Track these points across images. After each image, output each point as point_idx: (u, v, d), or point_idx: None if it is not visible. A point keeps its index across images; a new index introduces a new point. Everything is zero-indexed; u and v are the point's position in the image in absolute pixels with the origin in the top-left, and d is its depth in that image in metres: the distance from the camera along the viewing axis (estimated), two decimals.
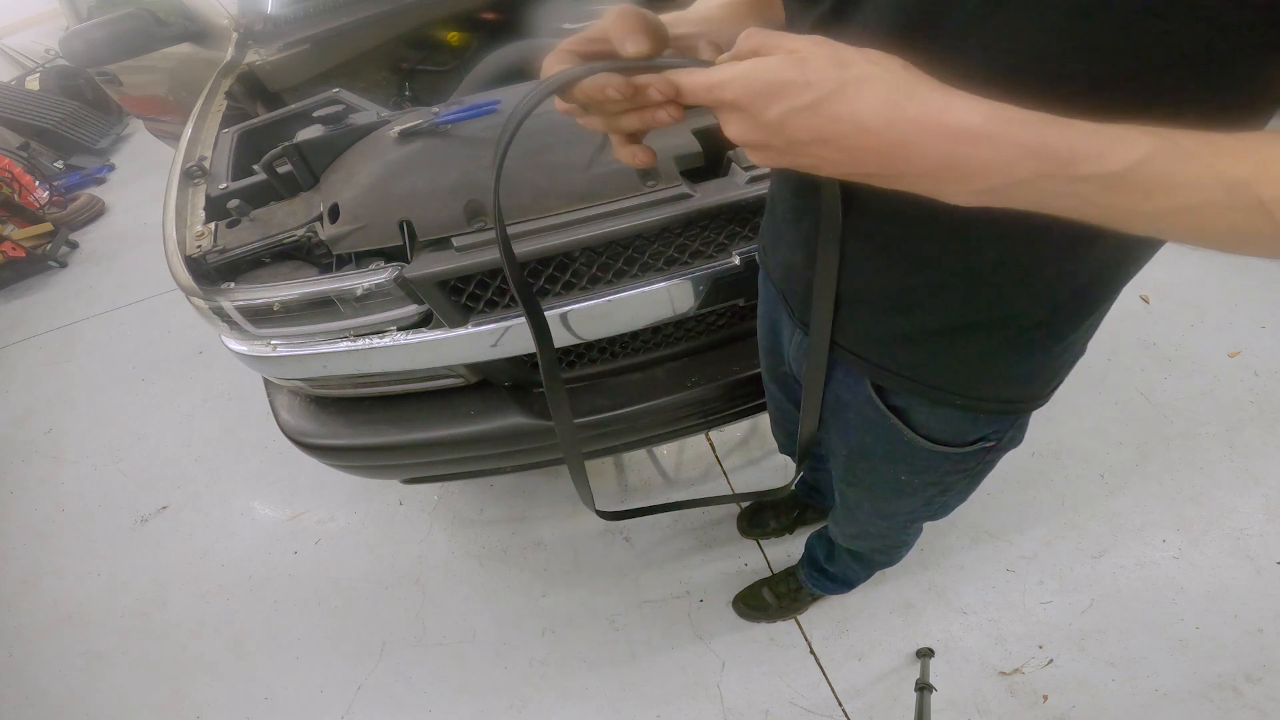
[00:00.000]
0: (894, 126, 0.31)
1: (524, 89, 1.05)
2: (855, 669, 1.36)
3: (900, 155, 0.32)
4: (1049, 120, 0.30)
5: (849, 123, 0.31)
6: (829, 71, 0.31)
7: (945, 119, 0.30)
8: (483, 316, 0.96)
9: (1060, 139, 0.30)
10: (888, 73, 0.31)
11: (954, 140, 0.30)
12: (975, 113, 0.30)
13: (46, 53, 5.02)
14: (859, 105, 0.31)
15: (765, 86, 0.32)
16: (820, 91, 0.31)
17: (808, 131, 0.32)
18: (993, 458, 0.68)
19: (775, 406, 1.00)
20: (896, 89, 0.31)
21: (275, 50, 1.51)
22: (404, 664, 1.51)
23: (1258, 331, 1.79)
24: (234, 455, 2.07)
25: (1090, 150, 0.29)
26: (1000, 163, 0.30)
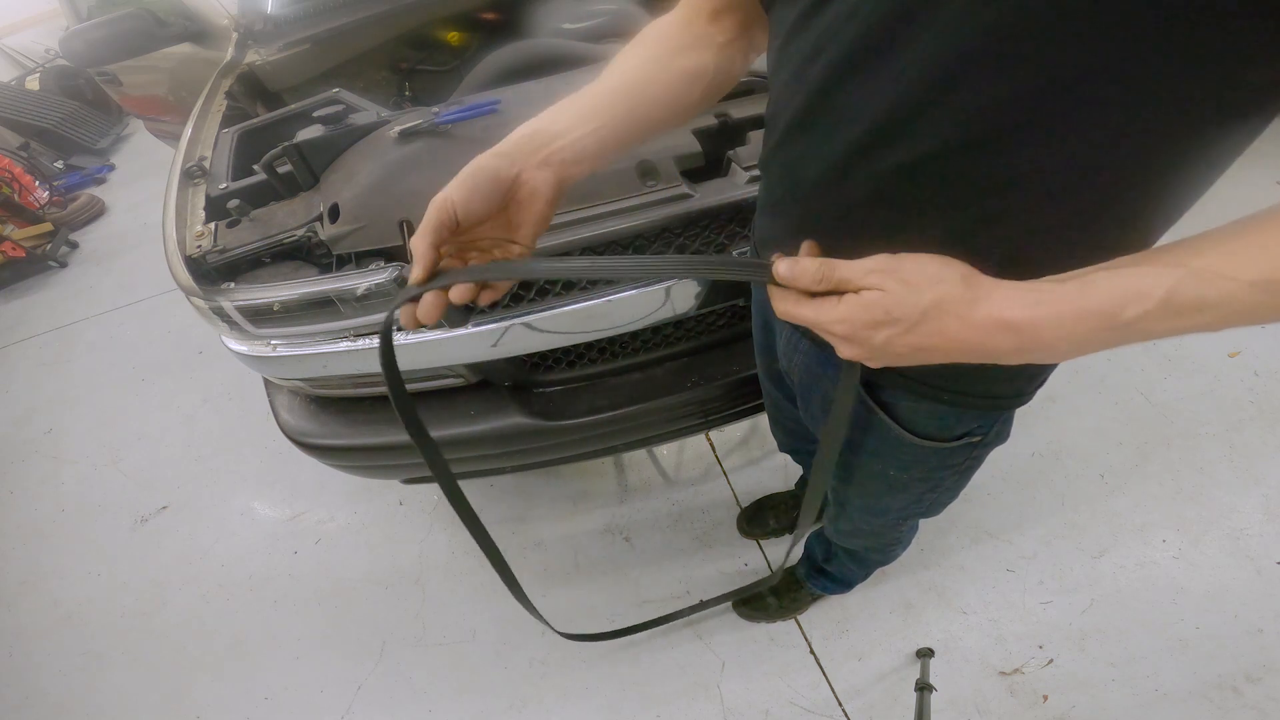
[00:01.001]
0: (972, 334, 0.38)
1: (524, 89, 1.05)
2: (855, 669, 1.36)
3: (981, 351, 0.39)
4: (1083, 286, 0.36)
5: (936, 338, 0.39)
6: (910, 305, 0.38)
7: (1006, 317, 0.37)
8: (483, 316, 0.96)
9: (1093, 300, 0.36)
10: (952, 289, 0.38)
11: (1021, 333, 0.37)
12: (1025, 304, 0.37)
13: (46, 53, 5.02)
14: (941, 325, 0.39)
15: (866, 325, 0.40)
16: (908, 322, 0.39)
17: (907, 348, 0.40)
18: (980, 454, 0.68)
19: (772, 404, 1.00)
20: (962, 302, 0.38)
21: (275, 50, 1.51)
22: (404, 664, 1.51)
23: (1258, 331, 1.79)
24: (234, 455, 2.07)
25: (1124, 298, 0.35)
26: (1064, 336, 0.37)
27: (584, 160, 0.51)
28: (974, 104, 0.37)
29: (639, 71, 0.55)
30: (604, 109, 0.53)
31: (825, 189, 0.49)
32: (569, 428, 1.12)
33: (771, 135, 0.54)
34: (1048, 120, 0.36)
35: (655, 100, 0.55)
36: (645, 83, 0.55)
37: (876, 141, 0.43)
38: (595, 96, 0.53)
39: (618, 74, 0.55)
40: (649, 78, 0.55)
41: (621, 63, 0.56)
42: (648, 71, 0.55)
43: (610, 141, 0.53)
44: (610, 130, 0.52)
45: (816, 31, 0.43)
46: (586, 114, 0.52)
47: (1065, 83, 0.34)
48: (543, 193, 0.49)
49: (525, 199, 0.49)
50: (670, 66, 0.56)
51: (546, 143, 0.50)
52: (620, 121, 0.53)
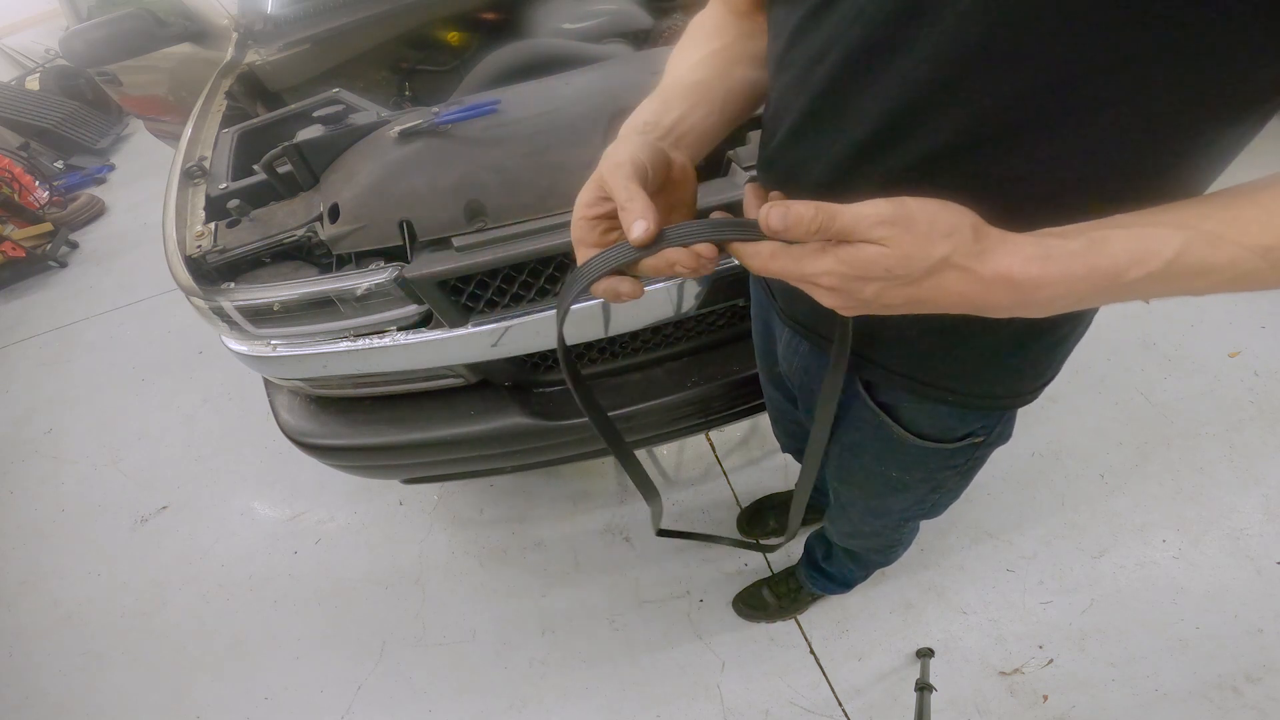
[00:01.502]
0: (972, 289, 0.36)
1: (524, 89, 1.05)
2: (855, 669, 1.36)
3: (980, 305, 0.37)
4: (1092, 244, 0.35)
5: (935, 291, 0.36)
6: (916, 262, 0.35)
7: (1013, 274, 0.35)
8: (483, 316, 0.96)
9: (1104, 258, 0.34)
10: (962, 241, 0.35)
11: (1022, 290, 0.35)
12: (1035, 261, 0.35)
13: (46, 53, 5.02)
14: (943, 279, 0.36)
15: (858, 278, 0.36)
16: (909, 278, 0.36)
17: (901, 299, 0.37)
18: (981, 454, 0.68)
19: (774, 407, 1.00)
20: (971, 255, 0.35)
21: (275, 50, 1.51)
22: (404, 664, 1.51)
23: (1258, 331, 1.79)
24: (234, 455, 2.07)
25: (1131, 258, 0.34)
26: (1062, 294, 0.35)
27: (704, 143, 0.52)
28: (980, 103, 0.37)
29: (717, 60, 0.56)
30: (705, 97, 0.53)
31: (829, 189, 0.49)
32: (569, 428, 1.12)
33: (772, 137, 0.54)
34: (1054, 118, 0.36)
35: (742, 86, 0.55)
36: (728, 69, 0.55)
37: (883, 141, 0.42)
38: (691, 87, 0.53)
39: (694, 69, 0.55)
40: (728, 64, 0.55)
41: (689, 59, 0.57)
42: (726, 58, 0.56)
43: (717, 127, 0.53)
44: (716, 115, 0.53)
45: (821, 34, 0.43)
46: (694, 102, 0.52)
47: (1070, 81, 0.34)
48: (690, 172, 0.48)
49: (678, 178, 0.48)
50: (744, 53, 0.56)
51: (671, 129, 0.50)
52: (723, 107, 0.53)
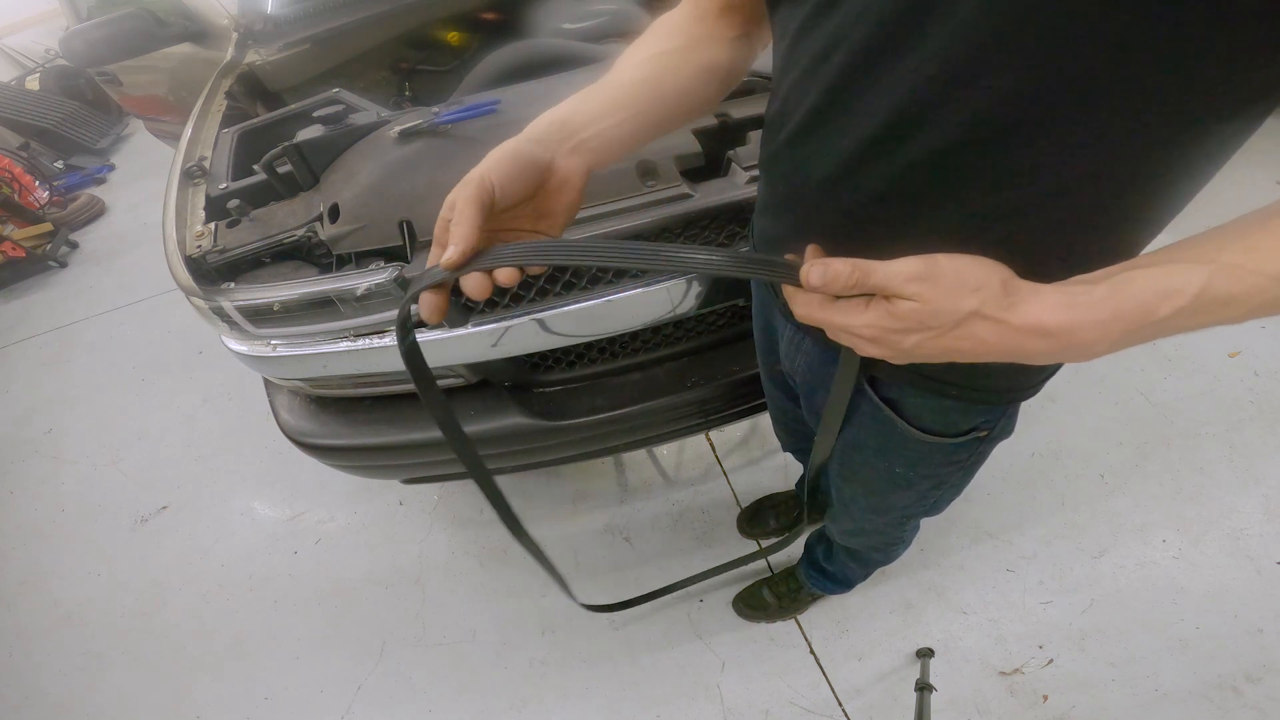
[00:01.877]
0: (1006, 339, 0.38)
1: (524, 89, 1.05)
2: (855, 669, 1.36)
3: (1018, 354, 0.39)
4: (1116, 287, 0.36)
5: (969, 341, 0.39)
6: (947, 314, 0.38)
7: (1043, 323, 0.37)
8: (483, 316, 0.96)
9: (1129, 300, 0.36)
10: (991, 294, 0.38)
11: (1056, 337, 0.37)
12: (1061, 308, 0.37)
13: (46, 53, 5.02)
14: (976, 332, 0.38)
15: (897, 331, 0.39)
16: (942, 329, 0.38)
17: (938, 350, 0.40)
18: (985, 449, 0.68)
19: (775, 406, 1.00)
20: (1000, 308, 0.37)
21: (275, 50, 1.51)
22: (404, 664, 1.51)
23: (1258, 331, 1.79)
24: (234, 455, 2.07)
25: (1158, 297, 0.35)
26: (1098, 338, 0.37)
27: (612, 150, 0.51)
28: (988, 100, 0.37)
29: (658, 64, 0.55)
30: (628, 100, 0.52)
31: (835, 186, 0.49)
32: (569, 428, 1.12)
33: (777, 135, 0.54)
34: (1061, 113, 0.37)
35: (676, 92, 0.55)
36: (665, 75, 0.55)
37: (890, 138, 0.43)
38: (618, 88, 0.53)
39: (636, 67, 0.55)
40: (668, 69, 0.55)
41: (637, 55, 0.56)
42: (666, 64, 0.55)
43: (636, 133, 0.53)
44: (636, 121, 0.52)
45: (827, 31, 0.43)
46: (611, 105, 0.52)
47: (1078, 77, 0.35)
48: (574, 181, 0.48)
49: (556, 187, 0.48)
50: (688, 60, 0.56)
51: (576, 131, 0.49)
52: (644, 113, 0.53)
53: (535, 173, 0.46)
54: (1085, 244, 0.45)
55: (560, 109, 0.51)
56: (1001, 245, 0.46)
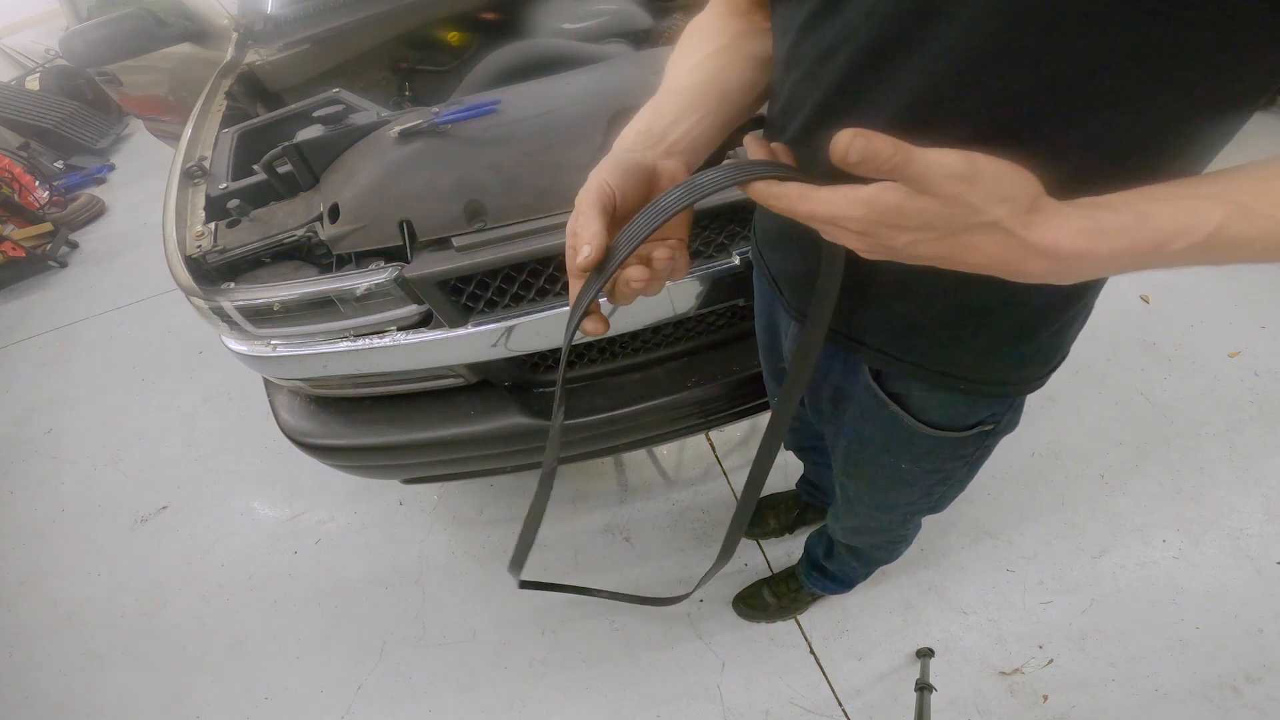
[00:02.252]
0: (1012, 253, 0.35)
1: (524, 89, 1.05)
2: (855, 669, 1.36)
3: (1012, 270, 0.36)
4: (1140, 218, 0.34)
5: (969, 252, 0.35)
6: (961, 219, 0.34)
7: (1060, 246, 0.34)
8: (483, 316, 0.96)
9: (1149, 232, 0.34)
10: (1018, 209, 0.34)
11: (1064, 261, 0.35)
12: (1085, 235, 0.34)
13: (46, 53, 5.02)
14: (982, 243, 0.35)
15: (892, 227, 0.35)
16: (946, 231, 0.34)
17: (931, 254, 0.36)
18: (990, 443, 0.68)
19: None
20: (1020, 224, 0.34)
21: (275, 50, 1.51)
22: (404, 664, 1.51)
23: (1258, 331, 1.79)
24: (234, 455, 2.07)
25: (1176, 231, 0.34)
26: (1102, 265, 0.35)
27: (699, 149, 0.52)
28: (997, 96, 0.38)
29: (714, 62, 0.56)
30: (700, 101, 0.53)
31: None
32: (569, 428, 1.12)
33: (781, 133, 0.54)
34: (1070, 110, 0.37)
35: (739, 87, 0.55)
36: (723, 72, 0.55)
37: (898, 135, 0.43)
38: (683, 93, 0.54)
39: (692, 71, 0.55)
40: (724, 67, 0.55)
41: (688, 61, 0.57)
42: (721, 62, 0.56)
43: (713, 129, 0.53)
44: (711, 120, 0.53)
45: (832, 30, 0.43)
46: (684, 109, 0.52)
47: (1086, 74, 0.35)
48: (680, 179, 0.48)
49: (665, 188, 0.47)
50: (739, 54, 0.56)
51: (663, 136, 0.50)
52: (716, 111, 0.53)
53: (644, 175, 0.46)
54: None
55: (636, 122, 0.52)
56: None
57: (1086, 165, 0.39)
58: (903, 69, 0.40)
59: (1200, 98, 0.35)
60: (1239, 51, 0.33)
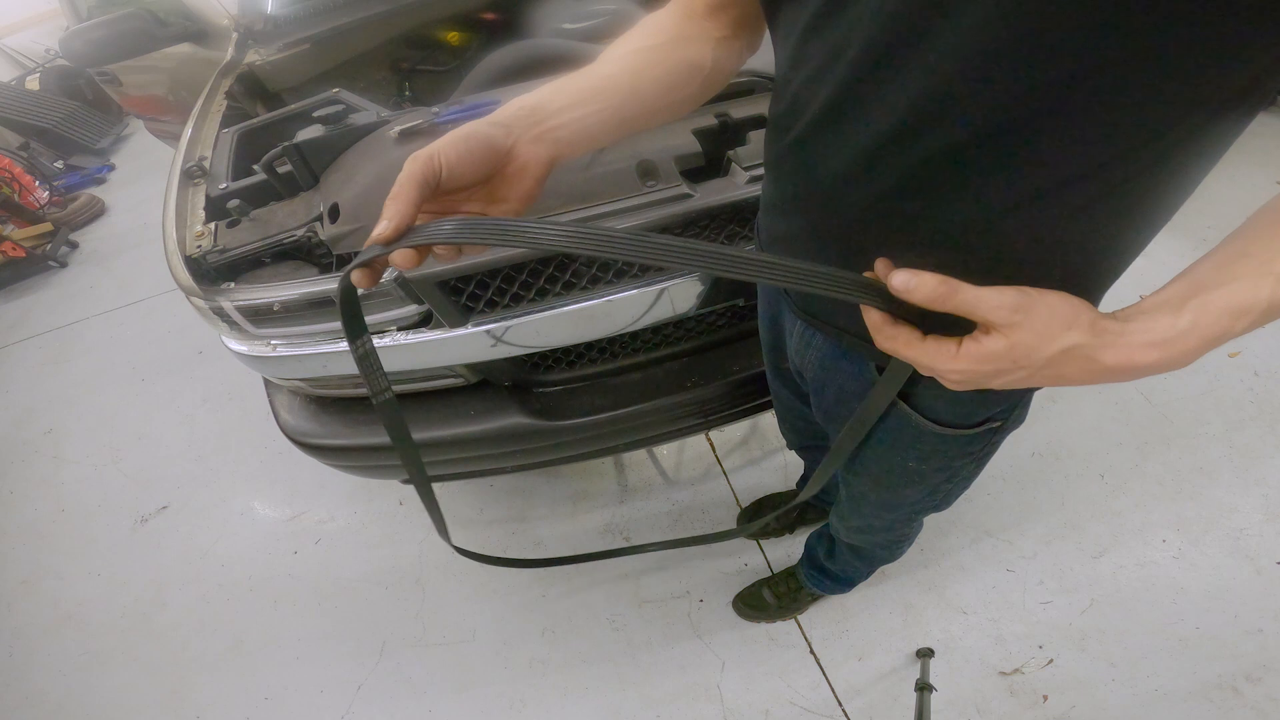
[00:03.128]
0: (1094, 373, 0.39)
1: (524, 89, 1.05)
2: (855, 669, 1.36)
3: (1099, 381, 0.40)
4: (1197, 317, 0.38)
5: (1054, 379, 0.40)
6: (1038, 355, 0.39)
7: (1135, 363, 0.38)
8: (483, 316, 0.96)
9: (1212, 328, 0.37)
10: (1082, 335, 0.38)
11: (1138, 372, 0.39)
12: (1154, 349, 0.38)
13: (46, 53, 5.02)
14: (1063, 369, 0.39)
15: (989, 371, 0.40)
16: (1031, 369, 0.39)
17: (1022, 384, 0.41)
18: (998, 440, 0.68)
19: (781, 404, 1.00)
20: (1091, 348, 0.38)
21: (275, 50, 1.51)
22: (404, 664, 1.51)
23: (1258, 331, 1.78)
24: (234, 455, 2.07)
25: (1232, 317, 0.37)
26: (1178, 365, 0.39)
27: (579, 141, 0.50)
28: (1006, 93, 0.38)
29: (636, 58, 0.55)
30: (602, 92, 0.52)
31: (849, 182, 0.49)
32: (569, 428, 1.12)
33: (785, 134, 0.54)
34: (1078, 106, 0.37)
35: (653, 88, 0.54)
36: (643, 70, 0.54)
37: (906, 133, 0.43)
38: (592, 79, 0.53)
39: (614, 61, 0.55)
40: (647, 64, 0.54)
41: (617, 50, 0.56)
42: (646, 59, 0.55)
43: (607, 125, 0.52)
44: (609, 114, 0.51)
45: (839, 29, 0.43)
46: (585, 95, 0.51)
47: (1095, 71, 0.35)
48: (533, 169, 0.48)
49: (515, 173, 0.47)
50: (668, 56, 0.55)
51: (544, 119, 0.49)
52: (618, 106, 0.52)
53: (491, 155, 0.45)
54: (1096, 233, 0.45)
55: (531, 96, 0.51)
56: (1014, 238, 0.46)
57: (1095, 160, 0.39)
58: (910, 68, 0.40)
59: (1207, 92, 0.36)
60: (1245, 44, 0.33)
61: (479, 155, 0.45)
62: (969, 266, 0.50)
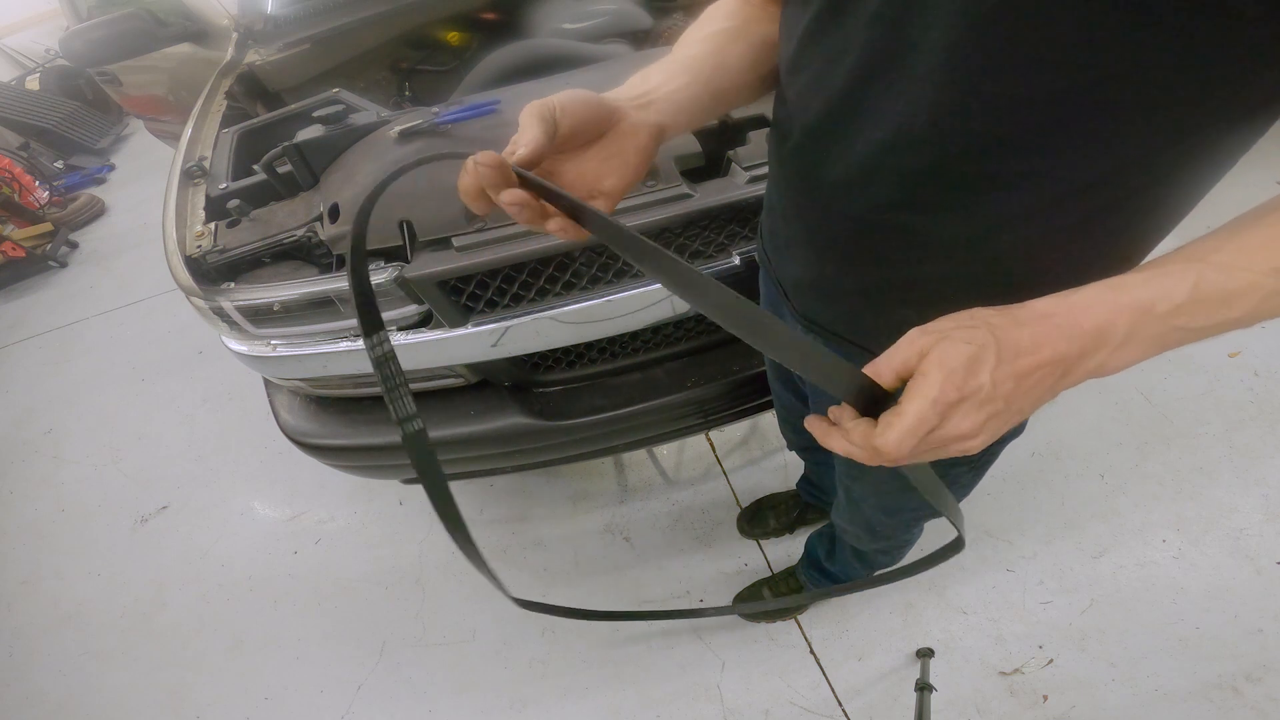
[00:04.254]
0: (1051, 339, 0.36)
1: (524, 89, 1.05)
2: (855, 669, 1.36)
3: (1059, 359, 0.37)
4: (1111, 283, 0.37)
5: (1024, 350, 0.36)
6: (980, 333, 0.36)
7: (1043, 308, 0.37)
8: (483, 316, 0.96)
9: (1126, 295, 0.36)
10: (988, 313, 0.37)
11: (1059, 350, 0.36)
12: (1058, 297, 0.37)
13: (46, 53, 5.02)
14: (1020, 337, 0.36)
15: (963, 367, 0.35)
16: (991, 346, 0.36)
17: (1010, 378, 0.36)
18: (997, 447, 0.68)
19: (782, 405, 1.00)
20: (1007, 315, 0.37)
21: (275, 50, 1.51)
22: (404, 664, 1.51)
23: (1258, 331, 1.79)
24: (234, 455, 2.07)
25: (1151, 296, 0.36)
26: (1109, 326, 0.36)
27: (680, 113, 0.51)
28: (998, 105, 0.38)
29: (718, 39, 0.55)
30: (692, 69, 0.53)
31: (848, 190, 0.49)
32: (569, 428, 1.12)
33: (786, 138, 0.54)
34: (1072, 120, 0.37)
35: (739, 63, 0.55)
36: (727, 47, 0.55)
37: (903, 142, 0.43)
38: (681, 60, 0.53)
39: (696, 43, 0.55)
40: (729, 43, 0.55)
41: (696, 34, 0.57)
42: (726, 38, 0.55)
43: (702, 98, 0.52)
44: (700, 88, 0.52)
45: (837, 36, 0.43)
46: (675, 72, 0.52)
47: (1091, 84, 0.35)
48: (643, 132, 0.47)
49: (626, 132, 0.46)
50: (747, 33, 0.56)
51: (644, 93, 0.50)
52: (709, 81, 0.53)
53: (602, 112, 0.45)
54: (1095, 248, 0.45)
55: (628, 84, 0.52)
56: (1007, 253, 0.46)
57: (1090, 177, 0.39)
58: (904, 77, 0.40)
59: (1207, 108, 0.35)
60: (1245, 59, 0.33)
61: (591, 108, 0.44)
62: (962, 279, 0.50)
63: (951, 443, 0.37)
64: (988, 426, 0.37)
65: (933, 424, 0.35)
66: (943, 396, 0.34)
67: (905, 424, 0.35)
